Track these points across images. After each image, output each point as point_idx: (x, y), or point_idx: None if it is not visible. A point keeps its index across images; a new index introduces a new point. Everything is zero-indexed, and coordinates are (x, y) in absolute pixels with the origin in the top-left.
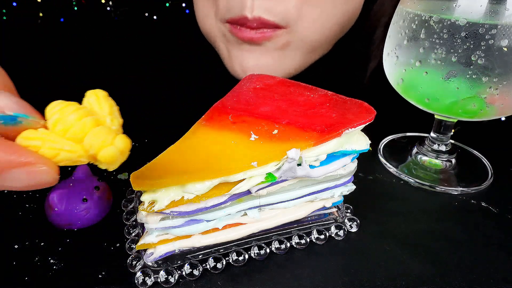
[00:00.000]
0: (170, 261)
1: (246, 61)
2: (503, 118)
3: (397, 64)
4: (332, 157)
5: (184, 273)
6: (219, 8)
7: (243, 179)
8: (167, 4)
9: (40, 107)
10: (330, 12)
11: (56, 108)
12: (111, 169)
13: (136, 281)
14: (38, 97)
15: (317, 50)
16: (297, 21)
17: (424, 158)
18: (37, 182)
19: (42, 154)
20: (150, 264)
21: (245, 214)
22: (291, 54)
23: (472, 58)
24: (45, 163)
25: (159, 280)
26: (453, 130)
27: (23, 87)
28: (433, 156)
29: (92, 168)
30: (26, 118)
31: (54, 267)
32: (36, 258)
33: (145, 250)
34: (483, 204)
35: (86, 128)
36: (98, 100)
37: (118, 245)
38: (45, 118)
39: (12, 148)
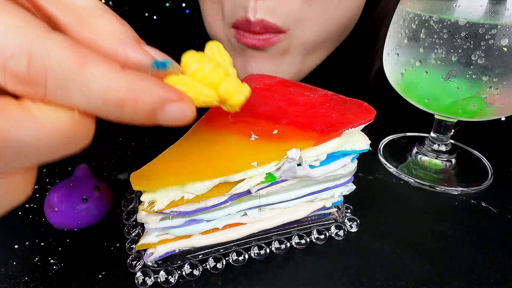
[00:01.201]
0: (170, 261)
1: (249, 67)
2: (503, 118)
3: (397, 64)
4: (332, 157)
5: (184, 273)
6: (225, 11)
7: (243, 179)
8: (167, 4)
9: None
10: (329, 13)
11: (194, 58)
12: (235, 111)
13: (136, 281)
14: None
15: (316, 53)
16: (297, 24)
17: (424, 158)
18: (184, 117)
19: None
20: (150, 264)
21: (245, 214)
22: (290, 59)
23: (472, 58)
24: (192, 102)
25: (159, 280)
26: (453, 130)
27: None
28: (433, 156)
29: (92, 168)
30: (173, 64)
31: (54, 267)
32: (36, 258)
33: (145, 250)
34: (483, 204)
35: (221, 77)
36: (219, 51)
37: (118, 245)
38: (182, 66)
39: (168, 86)
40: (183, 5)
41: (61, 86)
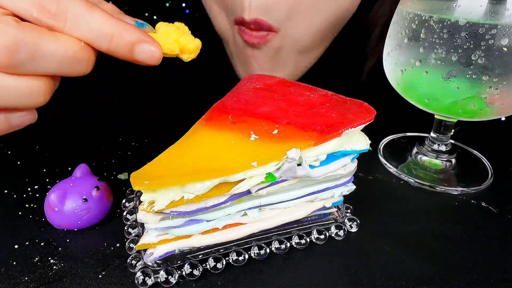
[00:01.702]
0: (170, 261)
1: (251, 66)
2: (503, 118)
3: (397, 64)
4: (332, 157)
5: (184, 273)
6: (226, 10)
7: (243, 179)
8: (167, 4)
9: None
10: (320, 9)
11: (163, 24)
12: (191, 58)
13: (136, 281)
14: None
15: (310, 51)
16: (288, 23)
17: (424, 158)
18: (153, 56)
19: None
20: (150, 264)
21: (245, 214)
22: (285, 57)
23: (472, 58)
24: (159, 46)
25: (159, 280)
26: (453, 130)
27: None
28: (433, 156)
29: (92, 168)
30: (148, 25)
31: (54, 267)
32: (36, 258)
33: (145, 250)
34: (483, 204)
35: (179, 34)
36: (180, 24)
37: (118, 245)
38: (155, 29)
39: (144, 32)
40: (183, 5)
41: (75, 22)
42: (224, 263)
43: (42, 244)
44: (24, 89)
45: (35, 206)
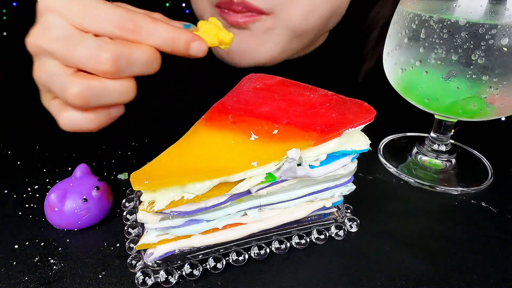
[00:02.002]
0: (170, 261)
1: (233, 44)
2: (503, 118)
3: (397, 64)
4: (332, 157)
5: (184, 273)
6: None
7: (243, 179)
8: (167, 4)
9: (39, 105)
10: (317, 2)
11: (203, 23)
12: (225, 48)
13: (136, 281)
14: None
15: (302, 37)
16: (283, 8)
17: (424, 158)
18: (201, 49)
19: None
20: (150, 264)
21: (245, 214)
22: (274, 38)
23: (472, 58)
24: (205, 42)
25: (159, 280)
26: (453, 130)
27: (23, 87)
28: (433, 156)
29: (92, 168)
30: (193, 25)
31: (54, 267)
32: (36, 258)
33: (145, 250)
34: (483, 204)
35: (217, 30)
36: (215, 20)
37: (118, 245)
38: (197, 27)
39: (193, 34)
40: (183, 5)
41: (147, 33)
42: (224, 263)
43: (42, 244)
44: (122, 89)
45: (35, 206)
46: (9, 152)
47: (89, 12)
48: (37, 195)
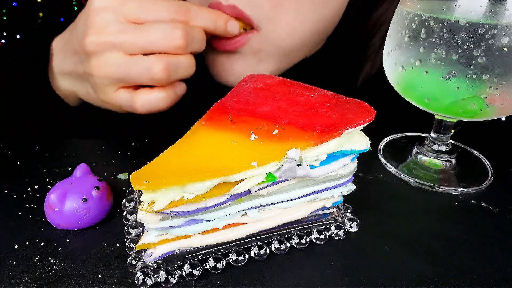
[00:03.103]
0: (170, 261)
1: (224, 66)
2: (503, 118)
3: (397, 64)
4: (332, 157)
5: (184, 273)
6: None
7: (243, 179)
8: None
9: (39, 105)
10: (305, 16)
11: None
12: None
13: (136, 281)
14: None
15: (292, 53)
16: (269, 24)
17: (424, 158)
18: (236, 28)
19: None
20: (150, 264)
21: (245, 214)
22: (265, 59)
23: (472, 58)
24: (238, 24)
25: (159, 280)
26: (453, 130)
27: (23, 86)
28: (433, 156)
29: (92, 168)
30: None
31: (54, 267)
32: (36, 258)
33: (145, 250)
34: (483, 204)
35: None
36: None
37: (118, 245)
38: None
39: (230, 16)
40: None
41: (195, 15)
42: (224, 263)
43: (42, 244)
44: (190, 62)
45: (35, 206)
46: (9, 152)
47: (144, 5)
48: (37, 195)
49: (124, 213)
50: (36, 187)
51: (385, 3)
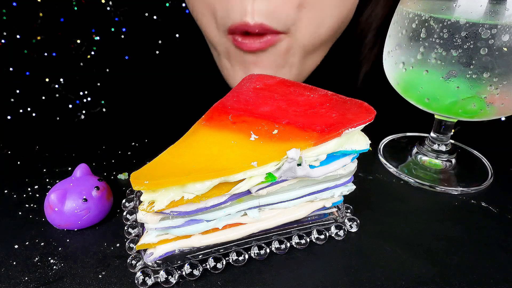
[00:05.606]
0: (170, 261)
1: (248, 71)
2: (503, 118)
3: (397, 63)
4: (332, 157)
5: (184, 273)
6: (218, 18)
7: (243, 179)
8: (167, 4)
9: (39, 106)
10: (325, 15)
11: None
12: None
13: (136, 281)
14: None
15: (312, 55)
16: (294, 27)
17: (424, 158)
18: None
19: None
20: (150, 264)
21: (245, 214)
22: (291, 60)
23: (472, 58)
24: None
25: (159, 280)
26: (453, 130)
27: (23, 86)
28: (433, 156)
29: (92, 168)
30: None
31: (54, 267)
32: (36, 258)
33: (145, 250)
34: (483, 204)
35: None
36: None
37: (118, 245)
38: None
39: None
40: (183, 5)
41: None
42: (224, 263)
43: (42, 244)
44: None
45: (35, 206)
46: (9, 152)
47: None
48: (37, 195)
49: (124, 213)
50: (36, 187)
51: (372, 3)
